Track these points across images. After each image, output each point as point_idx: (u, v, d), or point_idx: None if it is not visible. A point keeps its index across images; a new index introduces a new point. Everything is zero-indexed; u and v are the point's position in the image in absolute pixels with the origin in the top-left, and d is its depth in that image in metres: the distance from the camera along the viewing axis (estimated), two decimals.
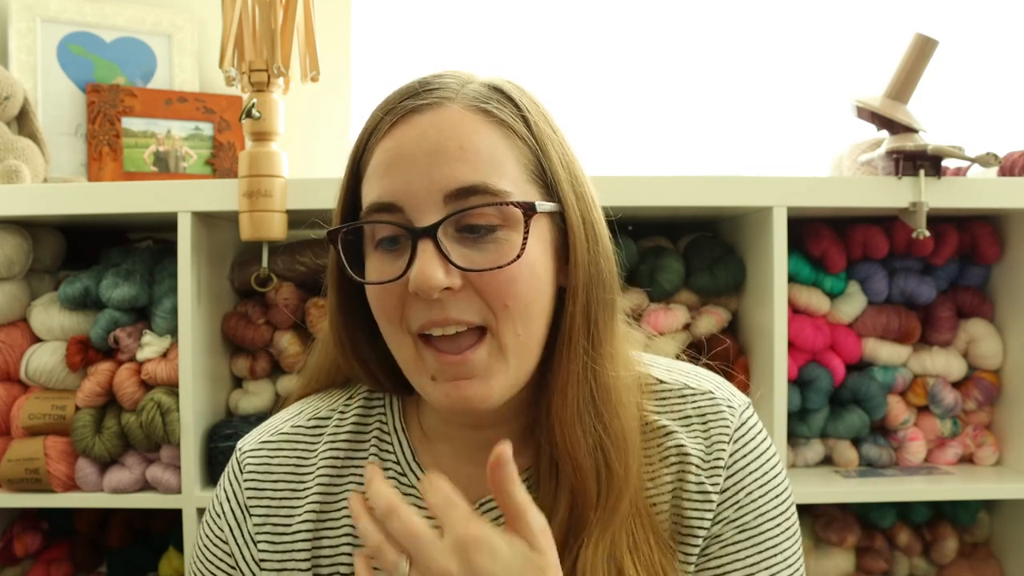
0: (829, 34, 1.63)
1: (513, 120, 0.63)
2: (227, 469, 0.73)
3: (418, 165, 0.60)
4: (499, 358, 0.61)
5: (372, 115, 0.65)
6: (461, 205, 0.59)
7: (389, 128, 0.62)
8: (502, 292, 0.60)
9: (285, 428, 0.73)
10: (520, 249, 0.60)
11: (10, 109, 1.31)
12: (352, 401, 0.73)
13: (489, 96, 0.63)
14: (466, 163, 0.60)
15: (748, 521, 0.66)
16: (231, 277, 1.28)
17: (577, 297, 0.63)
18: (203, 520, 0.73)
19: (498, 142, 0.62)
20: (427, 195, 0.59)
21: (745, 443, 0.68)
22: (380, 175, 0.62)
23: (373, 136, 0.64)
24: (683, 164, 1.63)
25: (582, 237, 0.64)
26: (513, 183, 0.61)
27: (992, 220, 1.30)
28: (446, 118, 0.61)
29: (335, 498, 0.69)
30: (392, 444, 0.71)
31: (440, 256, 0.59)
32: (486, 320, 0.60)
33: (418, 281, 0.58)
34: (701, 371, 0.73)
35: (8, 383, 1.22)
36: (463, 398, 0.61)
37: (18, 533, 1.30)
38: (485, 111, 0.62)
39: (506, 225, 0.60)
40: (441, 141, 0.60)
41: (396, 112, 0.62)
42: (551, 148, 0.64)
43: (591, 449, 0.63)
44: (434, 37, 1.64)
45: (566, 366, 0.63)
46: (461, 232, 0.60)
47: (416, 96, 0.63)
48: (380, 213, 0.61)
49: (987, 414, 1.31)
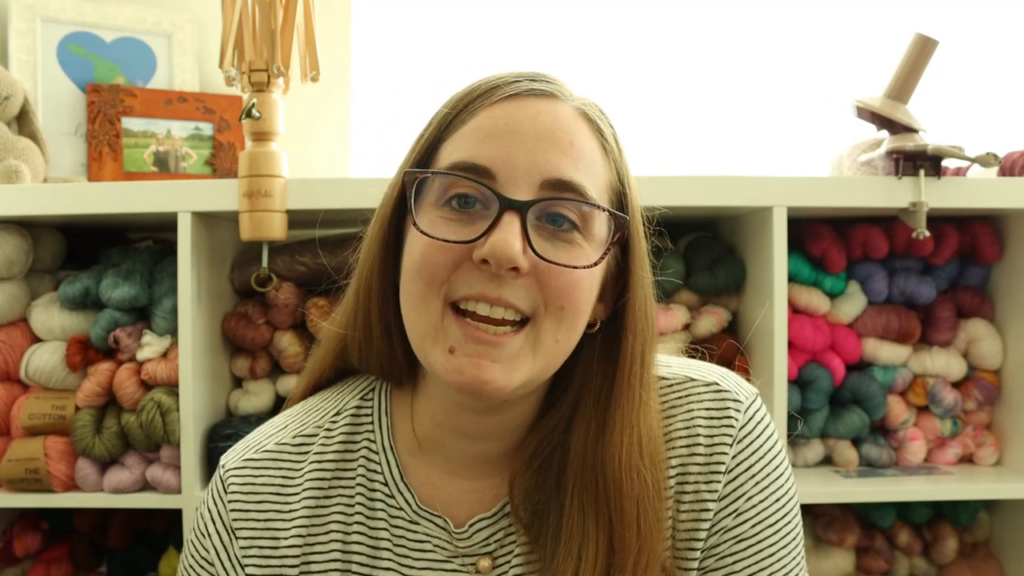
0: (829, 34, 1.63)
1: (610, 140, 0.64)
2: (211, 486, 0.70)
3: (526, 142, 0.59)
4: (530, 352, 0.59)
5: (483, 81, 0.64)
6: (557, 195, 0.59)
7: (502, 99, 0.61)
8: (563, 292, 0.59)
9: (269, 445, 0.70)
10: (599, 258, 0.60)
11: (10, 109, 1.32)
12: (339, 418, 0.71)
13: (596, 109, 0.64)
14: (571, 159, 0.60)
15: (745, 531, 0.64)
16: (231, 277, 1.28)
17: (636, 332, 0.63)
18: (188, 539, 0.71)
19: (597, 153, 0.62)
20: (526, 173, 0.59)
21: (750, 442, 0.65)
22: (479, 138, 0.60)
23: (480, 99, 0.62)
24: (683, 164, 1.63)
25: (639, 275, 0.64)
26: (599, 196, 0.61)
27: (992, 220, 1.30)
28: (561, 111, 0.61)
29: (323, 520, 0.67)
30: (380, 464, 0.68)
31: (522, 234, 0.57)
32: (535, 311, 0.59)
33: (495, 249, 0.56)
34: (704, 364, 0.71)
35: (8, 383, 1.22)
36: (480, 380, 0.58)
37: (18, 533, 1.30)
38: (592, 120, 0.63)
39: (584, 233, 0.60)
40: (555, 129, 0.60)
41: (514, 88, 0.62)
42: (630, 179, 0.65)
43: (635, 496, 0.61)
44: (434, 37, 1.64)
45: (625, 403, 0.62)
46: (542, 221, 0.59)
47: (535, 81, 0.62)
48: (468, 173, 0.59)
49: (987, 414, 1.32)
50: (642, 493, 0.61)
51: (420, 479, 0.68)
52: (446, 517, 0.67)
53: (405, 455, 0.69)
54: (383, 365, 0.69)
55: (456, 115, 0.63)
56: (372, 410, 0.71)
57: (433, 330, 0.60)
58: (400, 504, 0.68)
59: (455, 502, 0.67)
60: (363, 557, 0.67)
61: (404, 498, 0.67)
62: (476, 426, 0.66)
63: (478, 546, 0.66)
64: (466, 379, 0.58)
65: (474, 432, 0.66)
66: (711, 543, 0.64)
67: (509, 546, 0.66)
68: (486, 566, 0.66)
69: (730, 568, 0.64)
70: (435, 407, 0.67)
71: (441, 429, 0.67)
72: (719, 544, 0.64)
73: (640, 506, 0.61)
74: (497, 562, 0.66)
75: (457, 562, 0.66)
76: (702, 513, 0.64)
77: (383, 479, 0.68)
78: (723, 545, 0.64)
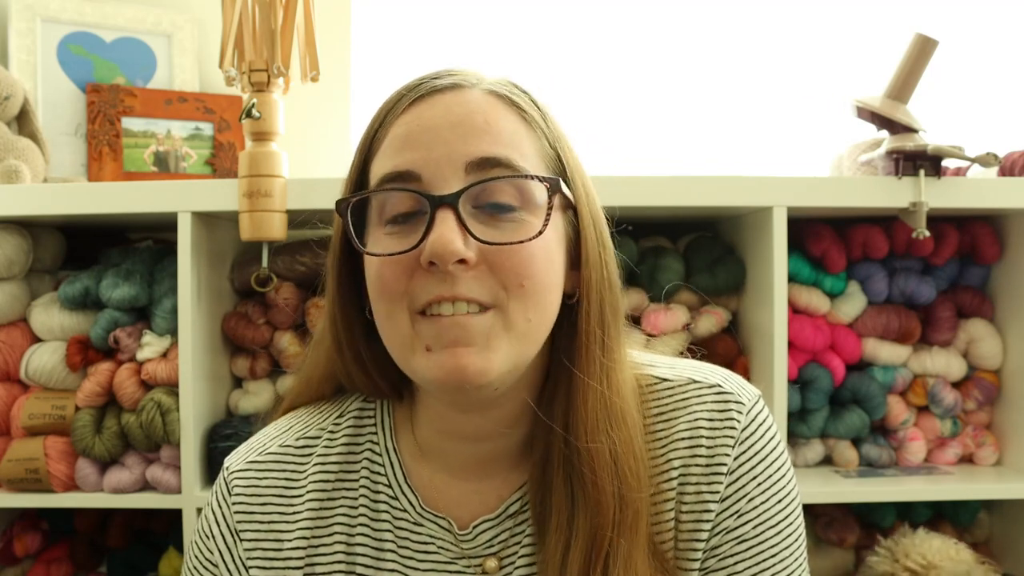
0: (829, 34, 1.63)
1: (531, 109, 0.63)
2: (215, 488, 0.71)
3: (441, 135, 0.59)
4: (503, 333, 0.58)
5: (391, 95, 0.64)
6: (483, 176, 0.58)
7: (409, 105, 0.61)
8: (519, 270, 0.58)
9: (272, 447, 0.70)
10: (543, 226, 0.59)
11: (10, 109, 1.32)
12: (342, 420, 0.71)
13: (508, 86, 0.64)
14: (490, 136, 0.59)
15: (747, 532, 0.63)
16: (231, 277, 1.28)
17: (591, 299, 0.62)
18: (192, 540, 0.71)
19: (518, 127, 0.62)
20: (448, 163, 0.58)
21: (752, 443, 0.64)
22: (397, 147, 0.60)
23: (391, 112, 0.62)
24: (683, 164, 1.63)
25: (593, 236, 0.63)
26: (531, 166, 0.60)
27: (992, 220, 1.30)
28: (470, 98, 0.61)
29: (326, 522, 0.67)
30: (383, 466, 0.69)
31: (460, 226, 0.57)
32: (497, 299, 0.58)
33: (435, 247, 0.56)
34: (707, 365, 0.70)
35: (8, 383, 1.22)
36: (459, 368, 0.57)
37: (18, 533, 1.30)
38: (506, 98, 0.62)
39: (525, 208, 0.60)
40: (466, 115, 0.60)
41: (418, 90, 0.62)
42: (565, 144, 0.65)
43: (607, 457, 0.61)
44: (434, 37, 1.64)
45: (585, 372, 0.62)
46: (479, 208, 0.59)
47: (438, 78, 0.62)
48: (395, 183, 0.59)
49: (987, 414, 1.32)
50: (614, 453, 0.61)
51: (423, 481, 0.68)
52: (450, 519, 0.67)
53: (408, 458, 0.69)
54: (369, 391, 0.70)
55: (375, 134, 0.63)
56: (375, 412, 0.71)
57: (408, 339, 0.60)
58: (404, 506, 0.67)
59: (458, 504, 0.67)
60: (367, 559, 0.67)
61: (408, 500, 0.67)
62: (474, 428, 0.65)
63: (482, 547, 0.66)
64: (447, 373, 0.57)
65: (473, 434, 0.66)
66: (713, 544, 0.64)
67: (514, 547, 0.66)
68: (493, 567, 0.66)
69: (731, 569, 0.63)
70: (432, 415, 0.67)
71: (441, 436, 0.67)
72: (721, 545, 0.64)
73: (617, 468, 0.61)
74: (503, 563, 0.66)
75: (462, 563, 0.66)
76: (704, 514, 0.63)
77: (387, 481, 0.68)
78: (725, 546, 0.64)
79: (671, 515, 0.64)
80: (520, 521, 0.66)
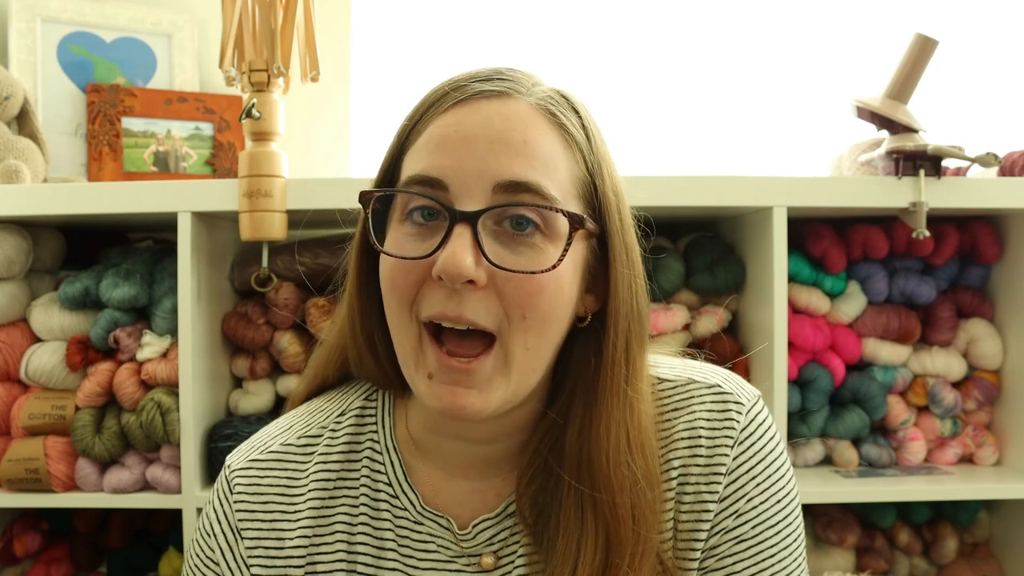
0: (829, 34, 1.63)
1: (576, 131, 0.62)
2: (216, 487, 0.71)
3: (476, 148, 0.58)
4: (503, 371, 0.59)
5: (436, 88, 0.62)
6: (509, 199, 0.57)
7: (452, 105, 0.60)
8: (524, 300, 0.57)
9: (274, 446, 0.70)
10: (557, 261, 0.58)
11: (10, 109, 1.32)
12: (343, 418, 0.71)
13: (558, 101, 0.62)
14: (525, 159, 0.58)
15: (746, 532, 0.63)
16: (231, 277, 1.28)
17: (618, 331, 0.62)
18: (193, 539, 0.71)
19: (556, 148, 0.60)
20: (477, 179, 0.57)
21: (751, 444, 0.64)
22: (431, 149, 0.59)
23: (433, 108, 0.61)
24: (683, 164, 1.63)
25: (624, 266, 0.62)
26: (561, 193, 0.59)
27: (992, 220, 1.30)
28: (514, 110, 0.60)
29: (328, 521, 0.67)
30: (384, 464, 0.69)
31: (474, 245, 0.56)
32: (499, 327, 0.58)
33: (446, 265, 0.55)
34: (707, 365, 0.70)
35: (8, 383, 1.22)
36: (458, 406, 0.58)
37: (18, 533, 1.30)
38: (552, 114, 0.61)
39: (546, 233, 0.58)
40: (505, 131, 0.58)
41: (464, 91, 0.60)
42: (604, 170, 0.63)
43: (627, 489, 0.61)
44: (434, 37, 1.64)
45: (609, 399, 0.61)
46: (500, 227, 0.58)
47: (488, 81, 0.61)
48: (422, 187, 0.59)
49: (987, 414, 1.32)
50: (634, 486, 0.61)
51: (423, 480, 0.68)
52: (450, 518, 0.67)
53: (408, 456, 0.69)
54: (376, 377, 0.70)
55: (413, 126, 0.62)
56: (376, 411, 0.71)
57: (414, 354, 0.60)
58: (404, 505, 0.68)
59: (458, 503, 0.67)
60: (368, 557, 0.67)
61: (408, 499, 0.68)
62: (471, 432, 0.66)
63: (482, 546, 0.66)
64: (444, 405, 0.59)
65: (470, 436, 0.66)
66: (711, 544, 0.64)
67: (513, 546, 0.66)
68: (489, 562, 0.66)
69: (730, 569, 0.63)
70: (425, 413, 0.67)
71: (432, 433, 0.68)
72: (719, 545, 0.64)
73: (633, 499, 0.61)
74: (501, 561, 0.66)
75: (461, 562, 0.66)
76: (703, 514, 0.64)
77: (387, 479, 0.68)
78: (724, 546, 0.64)
79: (670, 515, 0.64)
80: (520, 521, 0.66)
